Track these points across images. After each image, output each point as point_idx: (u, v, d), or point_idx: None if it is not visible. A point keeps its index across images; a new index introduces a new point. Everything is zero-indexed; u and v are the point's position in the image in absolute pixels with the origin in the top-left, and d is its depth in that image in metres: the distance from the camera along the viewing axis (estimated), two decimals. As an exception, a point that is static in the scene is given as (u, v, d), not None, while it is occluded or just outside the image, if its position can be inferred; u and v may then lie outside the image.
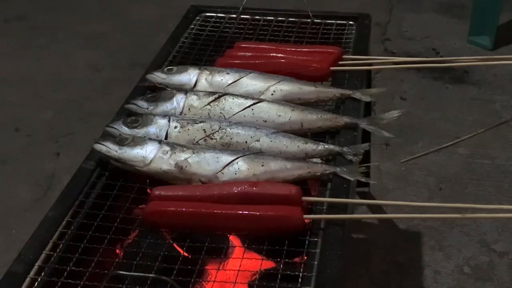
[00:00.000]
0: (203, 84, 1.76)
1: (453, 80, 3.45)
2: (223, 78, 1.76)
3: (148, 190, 1.47)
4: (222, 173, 1.46)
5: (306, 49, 1.92)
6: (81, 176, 1.52)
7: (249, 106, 1.65)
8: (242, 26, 2.15)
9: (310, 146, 1.56)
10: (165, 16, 3.94)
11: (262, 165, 1.47)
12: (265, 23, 2.15)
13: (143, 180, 1.51)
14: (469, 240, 2.50)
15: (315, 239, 1.33)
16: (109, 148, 1.50)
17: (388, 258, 2.44)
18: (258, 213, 1.34)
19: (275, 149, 1.54)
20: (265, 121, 1.64)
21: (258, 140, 1.55)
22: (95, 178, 1.52)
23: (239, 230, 1.38)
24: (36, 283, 1.26)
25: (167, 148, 1.49)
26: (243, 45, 1.96)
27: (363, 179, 1.50)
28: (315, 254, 1.29)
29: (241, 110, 1.65)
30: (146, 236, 1.38)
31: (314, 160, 1.55)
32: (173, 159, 1.48)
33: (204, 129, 1.57)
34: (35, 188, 2.84)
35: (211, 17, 2.21)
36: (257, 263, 1.32)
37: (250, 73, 1.77)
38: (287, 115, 1.64)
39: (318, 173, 1.49)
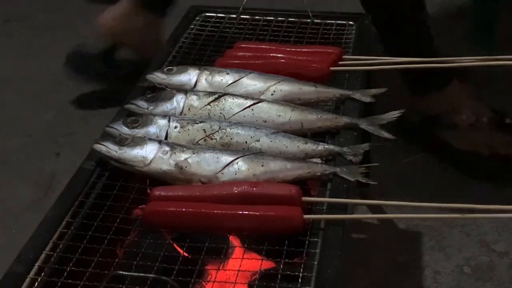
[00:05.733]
0: (203, 84, 1.76)
1: (453, 80, 3.44)
2: (223, 78, 1.76)
3: (148, 190, 1.47)
4: (222, 173, 1.46)
5: (306, 49, 1.92)
6: (81, 176, 1.52)
7: (249, 106, 1.65)
8: (242, 26, 2.15)
9: (310, 146, 1.56)
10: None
11: (262, 165, 1.47)
12: (265, 23, 2.15)
13: (143, 180, 1.51)
14: (469, 240, 2.50)
15: (315, 239, 1.33)
16: (109, 149, 1.50)
17: (388, 258, 2.44)
18: (258, 213, 1.34)
19: (275, 149, 1.54)
20: (265, 121, 1.64)
21: (258, 140, 1.55)
22: (95, 178, 1.52)
23: (239, 230, 1.38)
24: (36, 283, 1.25)
25: (167, 148, 1.49)
26: (243, 45, 1.96)
27: (363, 180, 1.50)
28: (315, 254, 1.29)
29: (241, 110, 1.65)
30: (146, 236, 1.38)
31: (314, 160, 1.56)
32: (173, 159, 1.48)
33: (204, 129, 1.57)
34: (35, 188, 2.84)
35: (211, 17, 2.21)
36: (257, 263, 1.32)
37: (250, 73, 1.77)
38: (287, 115, 1.64)
39: (318, 173, 1.49)
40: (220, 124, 1.58)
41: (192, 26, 2.15)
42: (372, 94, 1.77)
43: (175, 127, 1.58)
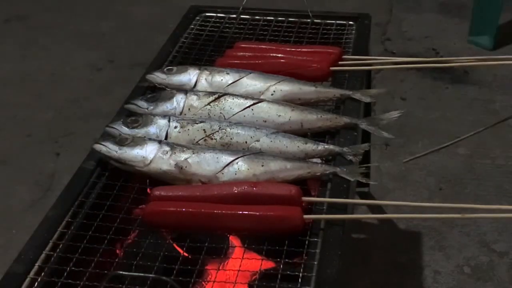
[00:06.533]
0: (203, 84, 1.76)
1: (453, 80, 3.45)
2: (223, 78, 1.76)
3: (148, 190, 1.47)
4: (222, 173, 1.46)
5: (306, 49, 1.92)
6: (81, 176, 1.52)
7: (249, 106, 1.65)
8: (242, 26, 2.14)
9: (310, 146, 1.56)
10: (165, 16, 3.94)
11: (262, 165, 1.47)
12: (265, 23, 2.15)
13: (143, 180, 1.51)
14: (469, 240, 2.50)
15: (315, 239, 1.33)
16: (109, 149, 1.50)
17: (388, 258, 2.44)
18: (258, 213, 1.34)
19: (275, 149, 1.54)
20: (265, 121, 1.64)
21: (258, 140, 1.55)
22: (95, 178, 1.52)
23: (239, 230, 1.38)
24: (36, 283, 1.26)
25: (167, 148, 1.49)
26: (243, 45, 1.96)
27: (363, 180, 1.50)
28: (315, 254, 1.29)
29: (241, 110, 1.65)
30: (146, 236, 1.38)
31: (314, 160, 1.56)
32: (173, 159, 1.48)
33: (204, 129, 1.57)
34: (35, 188, 2.84)
35: (211, 17, 2.21)
36: (257, 263, 1.32)
37: (250, 73, 1.77)
38: (287, 115, 1.64)
39: (318, 173, 1.49)
40: (220, 124, 1.58)
41: (192, 26, 2.15)
42: (372, 94, 1.77)
43: (175, 127, 1.58)
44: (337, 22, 2.13)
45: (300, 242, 1.33)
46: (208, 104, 1.66)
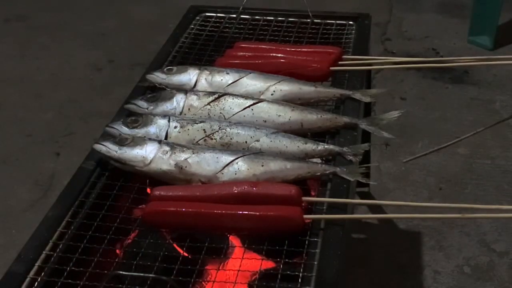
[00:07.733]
0: (203, 84, 1.76)
1: (453, 80, 3.45)
2: (223, 78, 1.76)
3: (148, 190, 1.47)
4: (222, 173, 1.46)
5: (306, 49, 1.92)
6: (81, 176, 1.52)
7: (249, 106, 1.65)
8: (242, 26, 2.15)
9: (310, 146, 1.56)
10: (165, 16, 3.95)
11: (262, 165, 1.47)
12: (265, 23, 2.15)
13: (143, 180, 1.51)
14: (469, 240, 2.50)
15: (315, 239, 1.33)
16: (109, 149, 1.50)
17: (388, 258, 2.44)
18: (258, 213, 1.34)
19: (275, 149, 1.54)
20: (265, 121, 1.64)
21: (258, 140, 1.55)
22: (95, 178, 1.52)
23: (239, 230, 1.38)
24: (36, 283, 1.26)
25: (167, 148, 1.49)
26: (243, 45, 1.96)
27: (363, 180, 1.50)
28: (315, 254, 1.29)
29: (241, 110, 1.65)
30: (146, 236, 1.38)
31: (314, 160, 1.56)
32: (173, 159, 1.48)
33: (204, 129, 1.57)
34: (35, 188, 2.84)
35: (211, 17, 2.21)
36: (257, 263, 1.32)
37: (250, 73, 1.77)
38: (287, 115, 1.64)
39: (318, 173, 1.49)
40: (220, 124, 1.58)
41: (192, 26, 2.15)
42: (372, 94, 1.77)
43: (175, 127, 1.58)
44: (337, 22, 2.13)
45: (300, 242, 1.33)
46: (208, 104, 1.66)
